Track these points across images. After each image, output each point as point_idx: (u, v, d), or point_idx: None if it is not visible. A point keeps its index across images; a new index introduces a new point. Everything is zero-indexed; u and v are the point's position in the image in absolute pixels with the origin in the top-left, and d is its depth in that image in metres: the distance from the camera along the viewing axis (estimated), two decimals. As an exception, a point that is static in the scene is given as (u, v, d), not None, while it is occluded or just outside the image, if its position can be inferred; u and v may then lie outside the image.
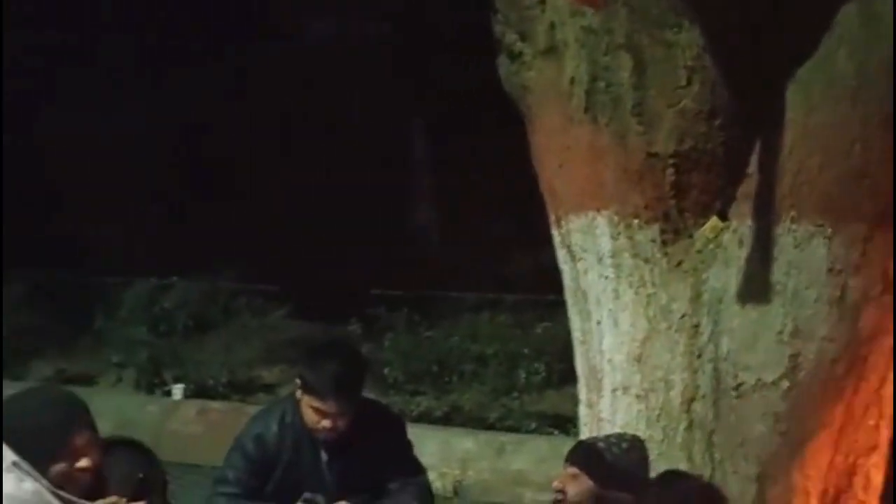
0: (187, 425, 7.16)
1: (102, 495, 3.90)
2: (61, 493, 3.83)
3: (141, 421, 7.25)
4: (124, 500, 3.84)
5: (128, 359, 7.87)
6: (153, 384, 7.72)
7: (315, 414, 4.67)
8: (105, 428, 6.85)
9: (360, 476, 4.85)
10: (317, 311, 7.74)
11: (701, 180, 4.28)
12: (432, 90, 8.52)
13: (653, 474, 4.42)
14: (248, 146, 9.02)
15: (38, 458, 3.80)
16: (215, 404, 7.29)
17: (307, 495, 4.82)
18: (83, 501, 3.85)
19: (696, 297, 4.39)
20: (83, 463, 3.85)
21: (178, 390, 7.55)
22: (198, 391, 7.53)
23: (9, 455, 3.81)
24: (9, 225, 9.13)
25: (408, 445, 4.98)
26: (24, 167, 9.68)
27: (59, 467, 3.81)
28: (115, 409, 7.41)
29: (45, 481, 3.82)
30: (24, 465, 3.80)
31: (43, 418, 3.84)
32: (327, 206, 8.77)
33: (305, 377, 4.70)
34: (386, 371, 7.06)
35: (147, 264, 8.01)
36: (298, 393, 4.72)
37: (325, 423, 4.67)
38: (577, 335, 4.86)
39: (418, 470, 4.95)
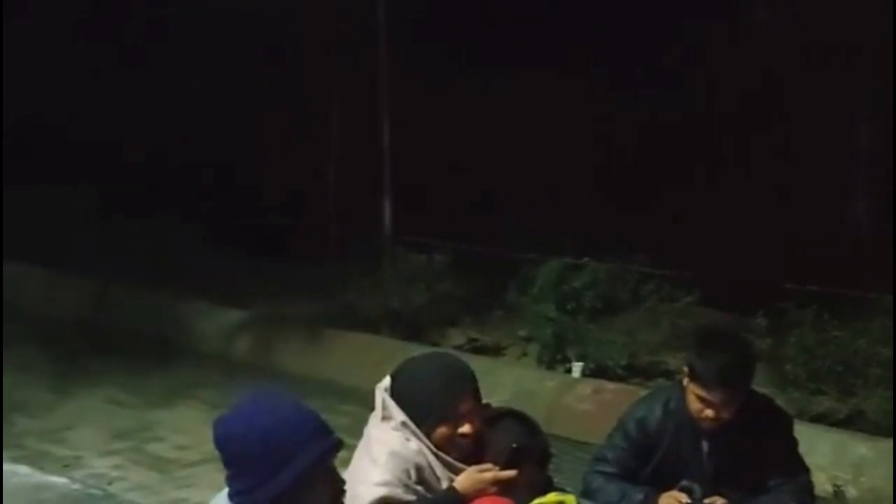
0: (581, 402, 7.28)
1: (480, 461, 4.12)
2: (442, 454, 4.08)
3: (538, 394, 7.45)
4: (497, 467, 4.04)
5: (534, 334, 8.10)
6: (555, 360, 7.90)
7: (699, 402, 4.71)
8: (503, 398, 7.25)
9: (739, 469, 4.85)
10: (725, 301, 7.70)
11: None
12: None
13: None
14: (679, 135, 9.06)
15: (424, 420, 4.08)
16: (611, 385, 7.37)
17: (684, 483, 4.86)
18: (461, 465, 4.09)
19: None
20: (465, 429, 4.10)
21: (577, 368, 7.70)
22: (597, 371, 7.64)
23: (398, 415, 4.10)
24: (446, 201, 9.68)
25: (793, 443, 4.92)
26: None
27: (442, 431, 4.08)
28: (515, 380, 7.67)
29: (428, 442, 4.08)
30: (412, 425, 4.08)
31: (432, 384, 4.11)
32: (747, 196, 8.68)
33: (694, 365, 4.75)
34: (787, 367, 6.93)
35: (562, 244, 8.19)
36: (685, 380, 4.77)
37: (709, 412, 4.71)
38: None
39: (801, 469, 4.88)
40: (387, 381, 4.23)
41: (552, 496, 4.80)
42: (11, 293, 10.24)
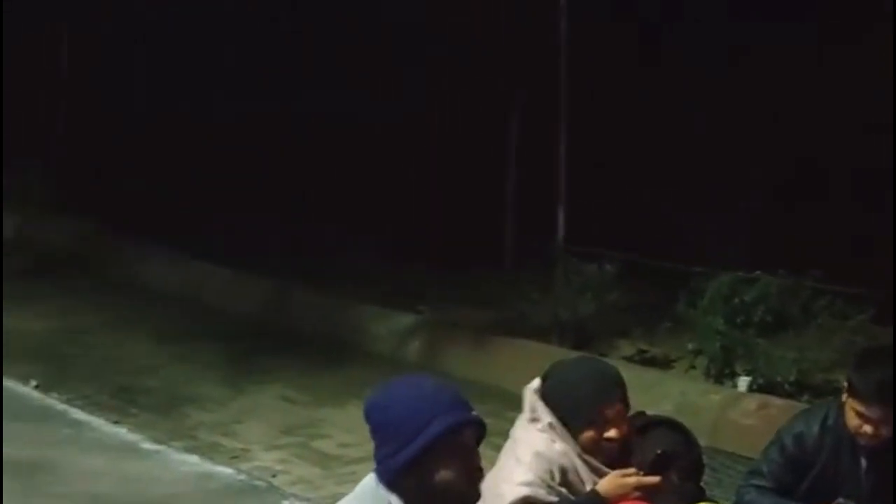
0: (746, 417, 7.19)
1: (626, 466, 4.13)
2: (587, 458, 4.11)
3: (702, 407, 7.38)
4: (640, 473, 4.04)
5: (702, 347, 8.02)
6: (723, 374, 7.82)
7: (858, 418, 4.64)
8: (667, 409, 7.20)
9: (897, 487, 4.74)
10: (897, 318, 7.52)
11: None
12: None
13: None
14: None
15: (571, 423, 4.11)
16: (778, 401, 7.26)
17: (841, 500, 4.77)
18: (606, 469, 4.10)
19: None
20: (611, 433, 4.12)
21: (743, 382, 7.60)
22: (765, 386, 7.53)
23: (546, 417, 4.14)
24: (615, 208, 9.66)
25: (957, 463, 4.78)
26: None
27: (588, 434, 4.11)
28: (680, 392, 7.62)
29: (575, 445, 4.12)
30: (559, 427, 4.12)
31: (581, 388, 4.15)
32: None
33: (853, 380, 4.68)
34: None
35: (733, 257, 8.10)
36: (844, 396, 4.70)
37: (867, 428, 4.63)
38: None
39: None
40: (536, 382, 4.28)
41: (703, 506, 4.78)
42: (196, 291, 10.60)
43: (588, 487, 4.09)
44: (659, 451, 4.11)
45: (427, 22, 11.23)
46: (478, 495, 3.21)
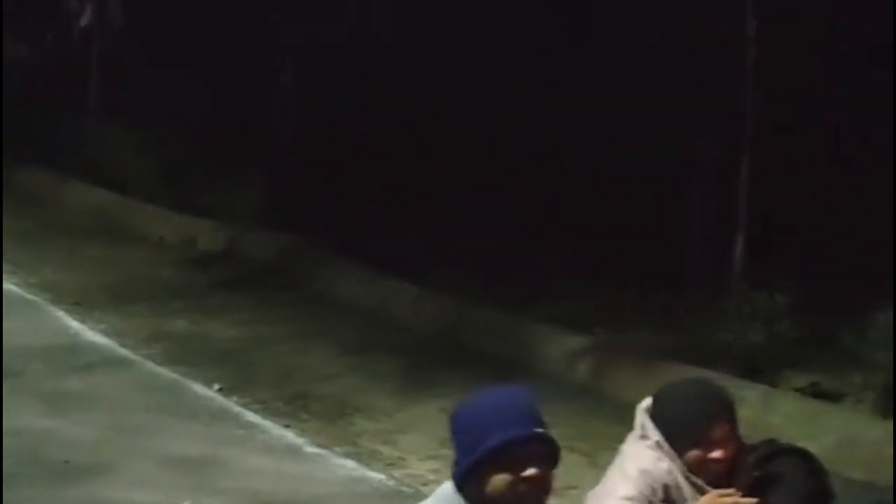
0: (905, 451, 7.10)
1: (730, 486, 4.20)
2: (692, 477, 4.22)
3: (860, 441, 7.31)
4: (738, 493, 4.11)
5: (869, 381, 7.93)
6: (890, 409, 7.71)
7: None
8: (825, 442, 7.17)
9: None
10: None
11: None
12: None
13: None
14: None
15: (677, 442, 4.23)
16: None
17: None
18: (708, 488, 4.19)
19: None
20: (717, 454, 4.22)
21: (903, 417, 7.50)
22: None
23: (654, 435, 4.27)
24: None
25: None
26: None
27: (694, 454, 4.22)
28: (841, 426, 7.55)
29: (680, 464, 4.22)
30: (665, 446, 4.24)
31: (688, 408, 4.27)
32: None
33: None
34: None
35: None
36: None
37: None
38: None
39: None
40: (647, 401, 4.40)
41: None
42: (382, 306, 10.95)
43: (690, 506, 4.19)
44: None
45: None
46: None
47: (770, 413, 7.97)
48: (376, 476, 6.85)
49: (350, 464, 7.03)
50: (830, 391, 8.50)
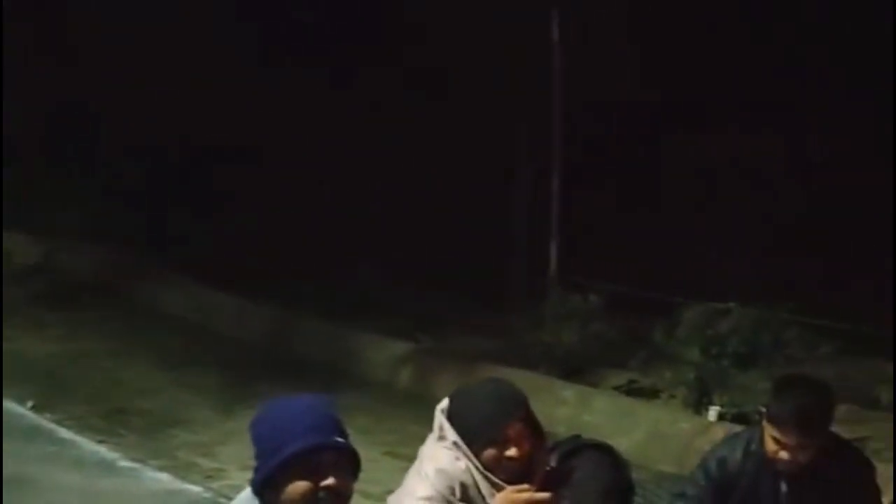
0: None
1: (528, 483, 4.27)
2: (489, 475, 4.27)
3: (671, 436, 7.52)
4: (532, 488, 4.18)
5: (679, 377, 8.16)
6: (700, 404, 7.94)
7: (775, 444, 4.77)
8: (637, 438, 7.30)
9: (817, 513, 4.84)
10: (864, 349, 7.62)
11: None
12: None
13: None
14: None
15: (474, 442, 4.28)
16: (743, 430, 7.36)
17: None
18: (504, 485, 4.25)
19: None
20: (512, 452, 4.27)
21: (713, 412, 7.73)
22: (738, 417, 7.64)
23: (451, 435, 4.31)
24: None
25: (876, 492, 4.89)
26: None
27: (490, 452, 4.27)
28: (652, 421, 7.75)
29: (477, 463, 4.28)
30: (462, 445, 4.29)
31: (483, 408, 4.32)
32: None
33: (769, 407, 4.80)
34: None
35: (707, 288, 8.25)
36: (763, 422, 4.82)
37: (784, 454, 4.76)
38: None
39: (881, 518, 4.84)
40: (445, 402, 4.45)
41: (618, 526, 4.91)
42: (205, 318, 10.86)
43: (490, 505, 4.25)
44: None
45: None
46: None
47: (586, 411, 8.15)
48: (193, 488, 6.80)
49: (165, 477, 6.95)
50: (647, 388, 8.73)
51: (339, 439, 3.39)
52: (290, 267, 11.23)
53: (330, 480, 3.30)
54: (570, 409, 8.18)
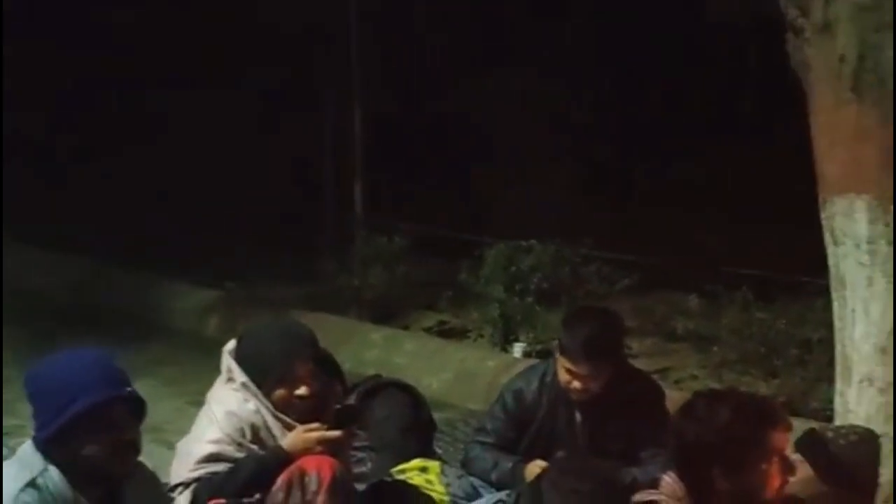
0: (518, 382, 7.41)
1: (320, 422, 4.26)
2: (280, 415, 4.25)
3: (478, 373, 7.59)
4: (324, 427, 4.17)
5: (484, 315, 8.23)
6: (507, 341, 8.03)
7: (567, 374, 4.87)
8: (446, 377, 7.33)
9: (612, 439, 4.96)
10: (660, 283, 7.81)
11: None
12: None
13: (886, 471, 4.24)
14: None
15: (263, 382, 4.25)
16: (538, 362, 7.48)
17: (560, 454, 4.95)
18: (295, 424, 4.24)
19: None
20: (301, 391, 4.27)
21: (517, 348, 7.84)
22: (543, 352, 7.75)
23: (239, 376, 4.28)
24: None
25: (665, 415, 5.02)
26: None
27: (280, 392, 4.26)
28: (459, 360, 7.82)
29: (267, 403, 4.25)
30: (252, 386, 4.25)
31: (271, 347, 4.30)
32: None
33: (561, 338, 4.88)
34: (715, 349, 7.04)
35: (511, 227, 8.33)
36: (557, 353, 4.90)
37: (576, 384, 4.85)
38: (836, 322, 4.74)
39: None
40: (231, 344, 4.41)
41: (416, 462, 4.96)
42: (12, 274, 10.55)
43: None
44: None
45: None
46: (124, 467, 3.33)
47: (396, 354, 8.17)
48: (-10, 445, 6.60)
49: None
50: (457, 328, 8.81)
51: (129, 389, 3.35)
52: (101, 222, 11.05)
53: (126, 433, 3.29)
54: (379, 352, 8.19)
